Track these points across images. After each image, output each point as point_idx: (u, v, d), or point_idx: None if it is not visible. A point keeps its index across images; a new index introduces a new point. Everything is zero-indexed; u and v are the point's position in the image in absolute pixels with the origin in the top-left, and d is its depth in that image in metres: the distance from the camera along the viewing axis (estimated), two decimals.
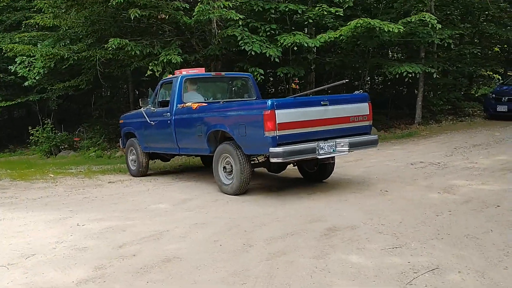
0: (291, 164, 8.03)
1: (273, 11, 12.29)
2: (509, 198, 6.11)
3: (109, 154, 14.83)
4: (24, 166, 12.18)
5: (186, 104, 8.15)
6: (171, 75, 9.34)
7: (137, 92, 19.87)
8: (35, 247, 4.82)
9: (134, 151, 9.69)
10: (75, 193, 7.95)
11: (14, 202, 7.27)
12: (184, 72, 8.70)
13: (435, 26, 11.96)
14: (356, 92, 7.72)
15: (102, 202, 7.13)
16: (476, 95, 20.84)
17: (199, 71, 9.07)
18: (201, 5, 10.58)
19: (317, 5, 12.48)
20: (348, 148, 6.91)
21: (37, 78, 14.43)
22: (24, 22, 17.65)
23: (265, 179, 8.27)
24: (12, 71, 15.45)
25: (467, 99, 19.23)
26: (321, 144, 6.65)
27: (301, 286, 3.67)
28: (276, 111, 6.32)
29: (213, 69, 13.59)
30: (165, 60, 11.04)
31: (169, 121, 8.37)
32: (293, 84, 15.87)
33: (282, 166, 8.14)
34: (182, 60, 11.29)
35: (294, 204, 6.25)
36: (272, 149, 6.32)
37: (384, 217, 5.43)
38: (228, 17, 11.14)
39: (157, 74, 11.05)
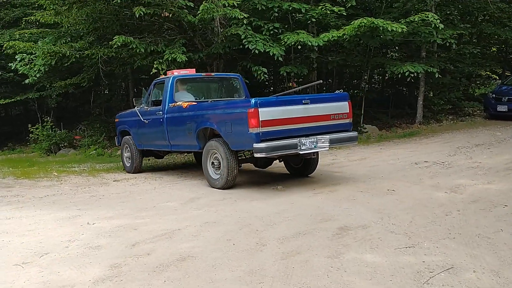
0: (277, 160, 8.54)
1: (276, 10, 12.29)
2: None
3: (110, 152, 14.79)
4: (26, 164, 12.15)
5: (177, 103, 8.52)
6: (163, 76, 9.61)
7: (135, 91, 19.85)
8: (48, 246, 4.82)
9: (128, 148, 10.04)
10: (82, 191, 7.94)
11: (21, 201, 7.27)
12: (176, 72, 9.09)
13: (437, 26, 12.00)
14: (337, 91, 8.23)
15: (109, 200, 7.13)
16: (475, 95, 20.93)
17: (190, 72, 9.49)
18: (206, 4, 10.56)
19: (320, 4, 12.49)
20: (328, 144, 7.36)
21: (37, 75, 14.36)
22: (24, 18, 17.57)
23: (271, 178, 8.29)
24: (12, 68, 15.38)
25: (467, 99, 19.29)
26: (303, 140, 7.08)
27: (318, 285, 3.68)
28: (260, 109, 6.77)
29: (216, 68, 13.60)
30: (170, 59, 11.04)
31: (161, 119, 8.73)
32: (292, 83, 15.89)
33: (268, 161, 8.67)
34: (186, 58, 11.30)
35: (303, 204, 6.27)
36: (255, 145, 6.78)
37: (394, 217, 5.46)
38: (232, 16, 11.13)
39: (161, 73, 11.04)
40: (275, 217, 5.62)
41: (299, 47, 12.06)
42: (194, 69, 10.05)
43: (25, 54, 14.28)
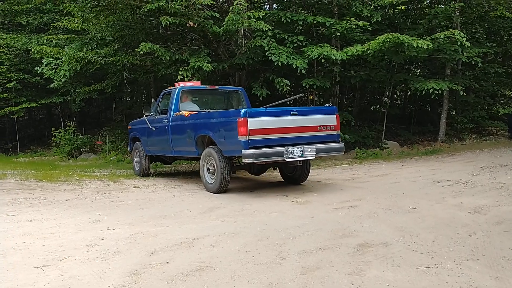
0: (272, 168, 9.39)
1: (300, 23, 12.32)
2: None
3: (130, 158, 14.92)
4: (48, 167, 12.31)
5: (180, 112, 9.20)
6: (171, 87, 10.22)
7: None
8: (68, 250, 4.84)
9: (138, 153, 10.77)
10: (102, 196, 8.00)
11: (42, 203, 7.34)
12: (182, 84, 9.82)
13: (463, 43, 11.89)
14: (326, 105, 8.91)
15: (129, 206, 7.16)
16: (499, 115, 20.65)
17: (195, 84, 10.20)
18: (231, 15, 10.65)
19: (345, 19, 12.49)
20: (315, 153, 7.86)
21: (62, 80, 14.61)
22: (52, 24, 17.93)
23: (290, 191, 8.23)
24: (38, 72, 15.67)
25: (491, 118, 19.04)
26: (290, 149, 7.59)
27: None
28: (248, 119, 7.34)
29: (238, 79, 13.67)
30: (195, 67, 11.14)
31: (166, 127, 9.45)
32: (311, 96, 15.89)
33: (262, 169, 9.42)
34: (212, 68, 11.40)
35: (323, 218, 6.20)
36: (244, 151, 7.34)
37: (416, 235, 5.36)
38: (257, 28, 11.19)
39: (186, 80, 11.14)
40: (295, 230, 5.57)
41: (323, 60, 12.04)
42: (199, 81, 10.71)
43: (51, 59, 14.55)
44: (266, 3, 17.43)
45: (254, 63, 13.04)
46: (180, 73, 11.23)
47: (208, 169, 8.35)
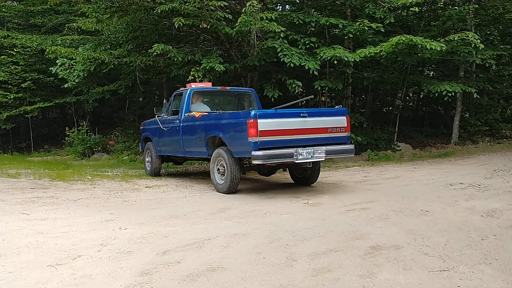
0: (282, 169, 9.46)
1: (313, 24, 12.31)
2: None
3: (142, 158, 15.01)
4: (61, 166, 12.42)
5: (191, 113, 9.31)
6: (182, 88, 10.30)
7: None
8: (81, 249, 4.89)
9: (150, 153, 10.89)
10: (114, 196, 8.06)
11: (55, 202, 7.41)
12: (193, 85, 9.93)
13: (477, 45, 11.79)
14: (337, 107, 8.97)
15: (141, 206, 7.20)
16: None
17: (206, 85, 10.32)
18: (244, 16, 10.67)
19: (358, 20, 12.45)
20: (324, 155, 7.93)
21: (76, 80, 14.74)
22: (67, 25, 18.11)
23: (301, 193, 8.23)
24: (53, 72, 15.83)
25: (505, 121, 18.86)
26: (300, 150, 7.65)
27: None
28: (258, 120, 7.42)
29: (250, 80, 13.69)
30: (207, 67, 11.18)
31: (177, 127, 9.56)
32: (323, 97, 15.86)
33: (271, 170, 9.58)
34: (224, 68, 11.43)
35: (335, 220, 6.19)
36: (254, 153, 7.43)
37: (428, 238, 5.33)
38: (270, 29, 11.19)
39: (197, 81, 11.19)
40: (306, 232, 5.56)
41: (335, 62, 12.01)
42: (210, 83, 10.81)
43: (65, 59, 14.70)
44: (278, 5, 17.43)
45: (266, 64, 13.04)
46: (191, 73, 11.28)
47: (218, 169, 8.42)
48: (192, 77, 11.25)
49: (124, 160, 14.88)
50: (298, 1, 15.14)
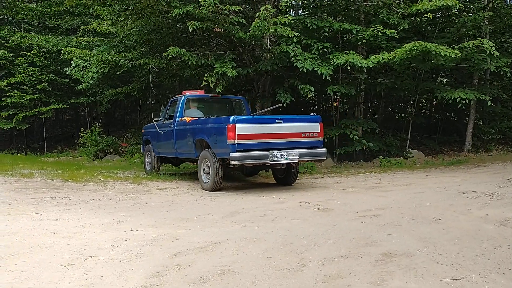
0: (264, 170, 10.66)
1: (327, 29, 12.29)
2: None
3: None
4: (74, 167, 12.52)
5: (183, 118, 10.17)
6: (178, 95, 11.04)
7: None
8: (92, 249, 4.91)
9: (150, 155, 11.81)
10: (126, 198, 8.11)
11: (68, 203, 7.47)
12: (188, 92, 10.76)
13: (492, 53, 11.69)
14: (311, 114, 9.91)
15: (152, 208, 7.23)
16: None
17: (200, 92, 11.17)
18: (258, 21, 10.69)
19: (372, 26, 12.41)
20: (298, 158, 8.77)
21: (90, 82, 14.89)
22: (82, 27, 18.30)
23: (312, 199, 8.20)
24: (67, 73, 15.99)
25: None
26: (275, 152, 8.54)
27: None
28: (236, 125, 8.30)
29: (262, 85, 13.71)
30: (220, 72, 11.22)
31: (172, 131, 10.45)
32: (335, 103, 15.83)
33: (253, 171, 10.87)
34: (237, 73, 11.47)
35: (346, 226, 6.15)
36: (232, 154, 8.29)
37: (440, 246, 5.28)
38: (283, 34, 11.20)
39: (211, 85, 11.26)
40: (317, 238, 5.54)
41: (349, 67, 11.98)
42: (203, 90, 11.67)
43: (80, 60, 14.85)
44: (291, 9, 17.45)
45: (278, 69, 13.04)
46: (205, 78, 11.32)
47: (203, 169, 9.18)
48: (206, 82, 11.30)
49: (136, 162, 14.96)
50: (311, 7, 15.11)
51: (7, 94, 18.64)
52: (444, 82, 17.80)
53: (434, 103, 19.22)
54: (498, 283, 4.23)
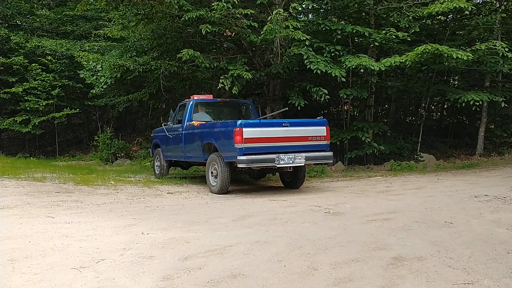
0: (272, 174, 10.76)
1: (339, 32, 12.28)
2: None
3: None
4: (86, 171, 12.63)
5: (192, 122, 10.30)
6: (187, 99, 11.22)
7: None
8: (104, 252, 4.95)
9: (159, 158, 11.93)
10: (137, 201, 8.16)
11: (80, 206, 7.54)
12: (196, 97, 11.00)
13: (505, 54, 11.61)
14: (318, 117, 9.65)
15: (163, 212, 7.27)
16: None
17: (208, 97, 11.50)
18: (270, 25, 10.71)
19: (384, 29, 12.38)
20: (304, 161, 8.85)
21: (104, 87, 15.02)
22: (94, 32, 18.48)
23: (323, 202, 8.19)
24: (81, 76, 16.16)
25: None
26: (282, 156, 8.62)
27: None
28: (244, 129, 8.41)
29: (272, 88, 13.72)
30: (235, 74, 11.28)
31: (180, 135, 10.55)
32: (345, 106, 15.79)
33: (261, 174, 10.82)
34: (251, 76, 11.53)
35: (356, 230, 6.13)
36: (239, 157, 8.41)
37: (452, 250, 5.24)
38: (294, 37, 11.21)
39: (227, 88, 11.31)
40: (327, 241, 5.53)
41: (361, 70, 11.95)
42: (211, 95, 11.90)
43: (93, 64, 15.00)
44: (302, 13, 17.44)
45: (289, 72, 13.04)
46: (220, 81, 11.37)
47: (211, 172, 9.30)
48: (222, 85, 11.34)
49: (147, 166, 15.03)
50: (323, 8, 15.11)
51: (22, 99, 18.82)
52: (456, 84, 17.68)
53: (446, 106, 19.10)
54: (510, 287, 4.19)
